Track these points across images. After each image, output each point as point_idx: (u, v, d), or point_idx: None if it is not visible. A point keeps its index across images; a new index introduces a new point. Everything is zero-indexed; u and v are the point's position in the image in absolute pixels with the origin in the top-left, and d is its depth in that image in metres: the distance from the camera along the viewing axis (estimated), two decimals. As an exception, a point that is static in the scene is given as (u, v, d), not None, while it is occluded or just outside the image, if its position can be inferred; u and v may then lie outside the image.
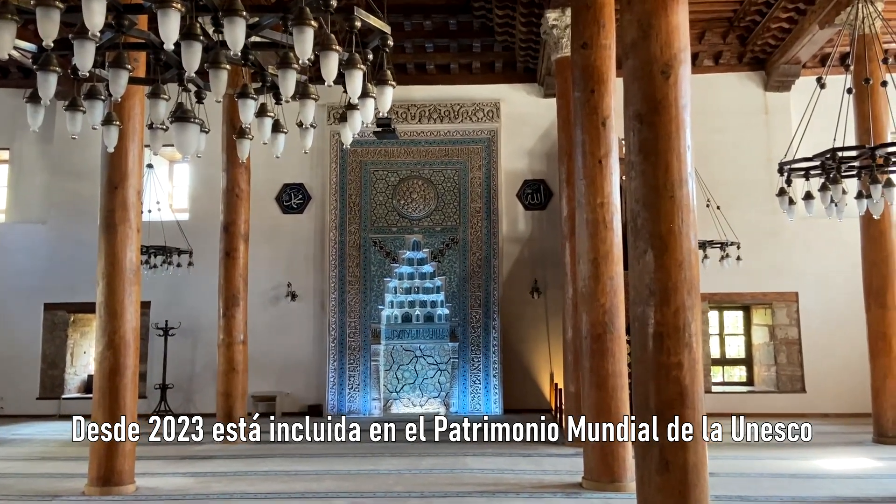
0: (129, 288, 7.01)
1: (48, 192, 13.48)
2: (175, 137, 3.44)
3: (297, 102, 3.67)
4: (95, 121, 3.65)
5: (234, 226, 10.14)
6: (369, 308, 13.06)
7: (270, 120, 3.81)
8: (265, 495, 6.51)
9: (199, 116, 3.60)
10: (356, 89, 3.28)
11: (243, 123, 3.71)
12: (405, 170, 13.36)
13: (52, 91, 3.16)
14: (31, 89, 3.56)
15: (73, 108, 3.72)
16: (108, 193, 7.03)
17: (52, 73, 3.13)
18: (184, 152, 3.54)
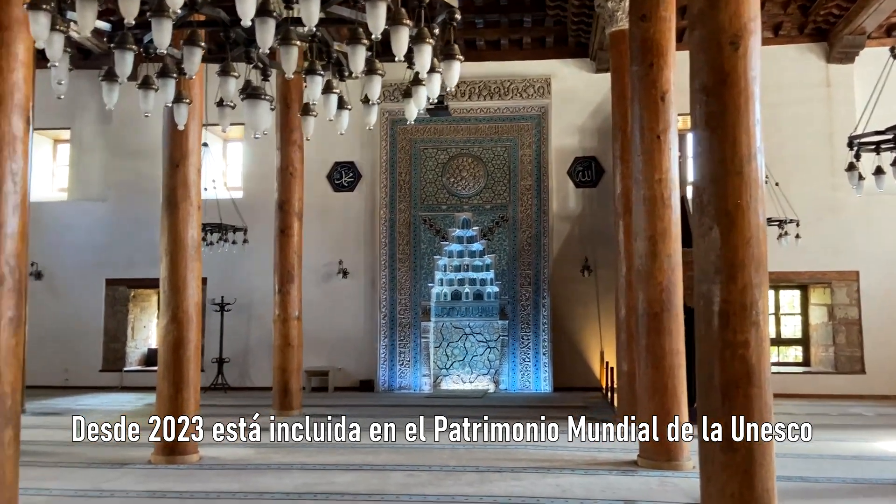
0: (191, 264, 7.20)
1: (107, 170, 13.88)
2: (246, 114, 3.50)
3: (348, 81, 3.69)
4: (168, 99, 3.74)
5: (288, 204, 10.29)
6: (419, 285, 13.15)
7: (336, 97, 3.84)
8: (324, 466, 6.67)
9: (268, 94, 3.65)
10: (425, 64, 3.28)
11: (310, 100, 3.75)
12: (455, 147, 13.33)
13: (129, 69, 3.24)
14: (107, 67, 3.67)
15: (146, 87, 3.82)
16: (170, 172, 7.20)
17: (129, 52, 3.21)
18: (255, 129, 3.60)
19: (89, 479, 6.20)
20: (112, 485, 5.98)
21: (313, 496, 5.59)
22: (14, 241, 4.68)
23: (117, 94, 3.81)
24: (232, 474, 6.39)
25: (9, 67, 4.58)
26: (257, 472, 6.45)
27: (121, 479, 6.17)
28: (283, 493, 5.68)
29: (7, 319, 4.59)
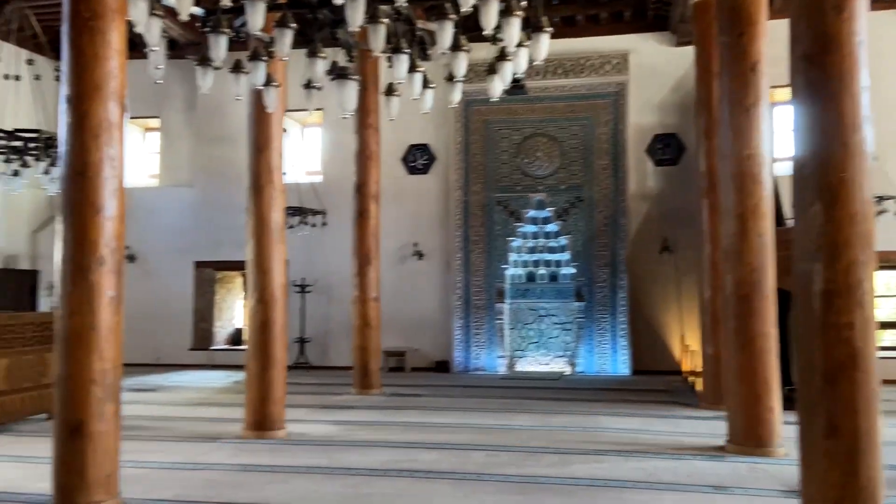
0: (276, 246, 7.39)
1: (194, 157, 14.39)
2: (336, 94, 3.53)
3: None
4: (258, 81, 3.81)
5: (365, 187, 10.41)
6: (493, 267, 13.11)
7: (421, 75, 3.83)
8: (406, 444, 6.75)
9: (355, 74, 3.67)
10: (513, 37, 3.21)
11: (396, 80, 3.75)
12: (529, 127, 13.16)
13: (224, 53, 3.32)
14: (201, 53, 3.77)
15: (237, 71, 3.90)
16: (255, 156, 7.37)
17: (223, 35, 3.28)
18: (344, 109, 3.63)
19: (185, 452, 6.47)
20: (206, 458, 6.23)
21: (398, 473, 5.67)
22: (113, 223, 4.89)
23: (211, 78, 3.91)
24: (318, 450, 6.55)
25: (104, 55, 4.77)
26: (342, 449, 6.59)
27: (214, 453, 6.43)
28: (369, 469, 5.78)
29: (108, 299, 4.81)
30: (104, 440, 4.71)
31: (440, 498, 4.98)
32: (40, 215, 14.26)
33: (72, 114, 4.77)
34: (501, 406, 9.06)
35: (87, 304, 4.71)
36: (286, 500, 4.94)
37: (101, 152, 4.79)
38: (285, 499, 4.96)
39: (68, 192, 4.78)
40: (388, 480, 5.47)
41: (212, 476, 5.63)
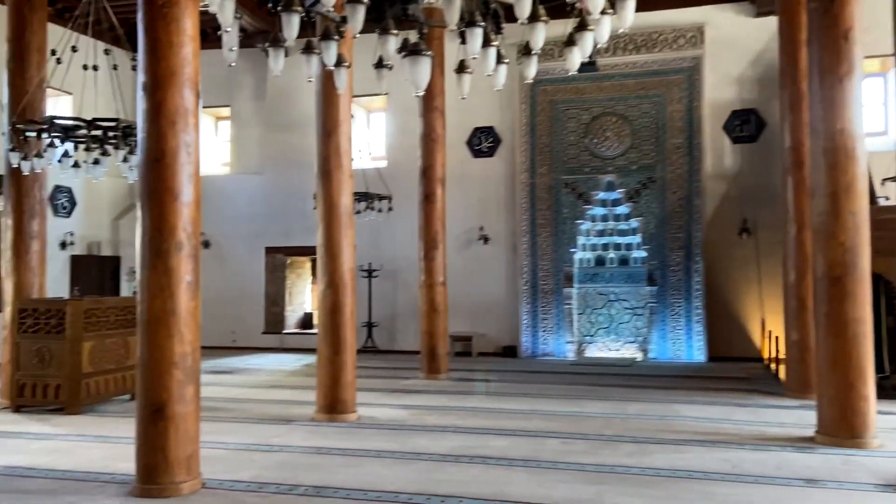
0: (345, 231, 7.39)
1: (263, 144, 14.62)
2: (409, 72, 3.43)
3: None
4: (329, 62, 3.75)
5: (431, 170, 10.34)
6: (561, 251, 12.86)
7: (494, 50, 3.68)
8: (477, 430, 6.68)
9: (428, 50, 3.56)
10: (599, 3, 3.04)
11: (470, 55, 3.62)
12: (598, 107, 12.80)
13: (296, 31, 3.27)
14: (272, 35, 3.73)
15: (309, 52, 3.85)
16: (323, 141, 7.37)
17: (295, 14, 3.23)
18: (417, 87, 3.53)
19: (260, 433, 6.58)
20: (280, 440, 6.31)
21: (469, 459, 5.60)
22: (190, 209, 4.95)
23: (283, 59, 3.87)
24: (389, 434, 6.55)
25: (179, 42, 4.81)
26: (413, 433, 6.57)
27: (288, 435, 6.50)
28: (440, 455, 5.73)
29: (186, 283, 4.88)
30: (185, 422, 4.80)
31: (515, 486, 4.88)
32: (121, 203, 14.79)
33: (148, 101, 4.84)
34: (572, 392, 8.88)
35: (166, 289, 4.79)
36: (359, 483, 4.93)
37: (178, 139, 4.85)
38: (358, 482, 4.95)
39: (146, 179, 4.87)
40: (461, 467, 5.40)
41: (287, 458, 5.69)
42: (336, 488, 4.83)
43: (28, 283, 8.16)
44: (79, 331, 7.67)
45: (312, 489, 4.81)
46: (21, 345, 7.74)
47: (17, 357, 7.74)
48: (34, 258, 8.20)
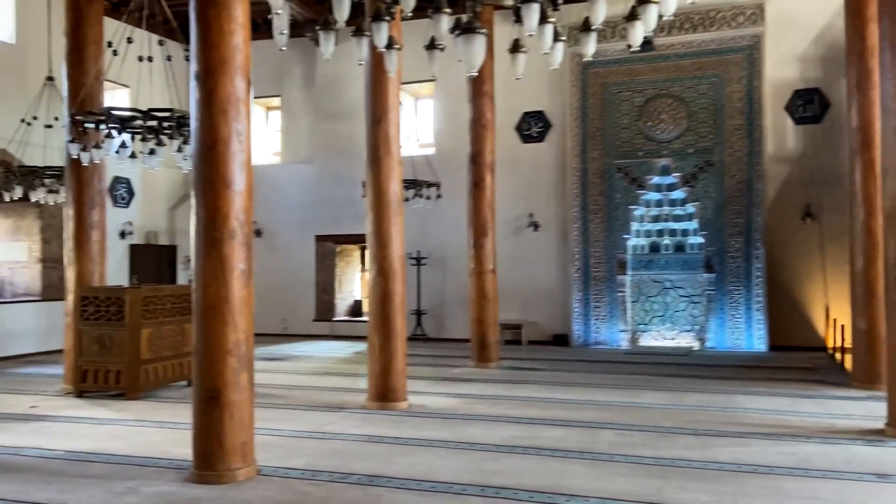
0: (394, 218, 7.34)
1: (313, 134, 14.70)
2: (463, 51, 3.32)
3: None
4: (381, 43, 3.67)
5: (480, 156, 10.20)
6: (614, 237, 12.58)
7: (551, 27, 3.54)
8: (530, 420, 6.57)
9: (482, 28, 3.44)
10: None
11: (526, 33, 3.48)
12: (652, 88, 12.43)
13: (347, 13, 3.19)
14: (323, 17, 3.66)
15: (359, 34, 3.78)
16: (372, 128, 7.33)
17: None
18: (471, 66, 3.42)
19: (312, 421, 6.61)
20: (333, 428, 6.32)
21: (523, 450, 5.50)
22: (242, 197, 4.96)
23: (333, 43, 3.81)
24: (441, 423, 6.50)
25: (230, 30, 4.80)
26: (465, 422, 6.50)
27: (340, 423, 6.51)
28: (494, 445, 5.64)
29: (239, 271, 4.90)
30: (239, 409, 4.83)
31: (571, 478, 4.76)
32: (176, 193, 15.09)
33: (200, 90, 4.85)
34: (627, 382, 8.68)
35: (219, 277, 4.81)
36: (412, 473, 4.89)
37: (229, 127, 4.85)
38: (411, 472, 4.91)
39: (199, 168, 4.89)
40: (514, 458, 5.30)
41: (340, 446, 5.69)
42: (389, 477, 4.80)
43: (89, 271, 8.37)
44: (137, 318, 7.84)
45: (366, 478, 4.79)
46: (83, 332, 7.95)
47: (80, 344, 7.96)
48: (94, 248, 8.41)
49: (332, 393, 8.12)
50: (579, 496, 4.39)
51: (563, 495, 4.40)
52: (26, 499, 4.40)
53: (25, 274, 12.18)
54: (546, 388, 8.35)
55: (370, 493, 4.47)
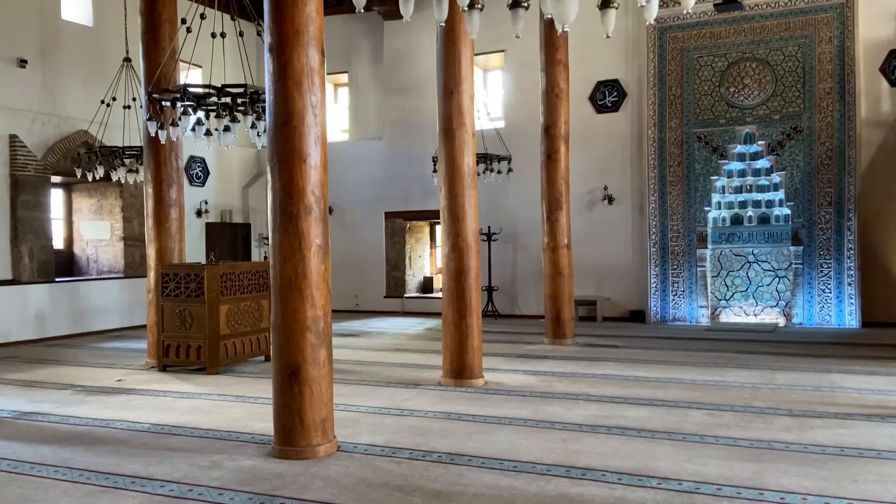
0: (468, 192, 7.17)
1: (381, 109, 14.64)
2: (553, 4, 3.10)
3: None
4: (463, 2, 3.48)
5: (554, 127, 9.88)
6: (693, 210, 12.07)
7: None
8: (611, 399, 6.34)
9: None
10: None
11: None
12: (735, 52, 11.78)
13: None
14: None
15: (440, -8, 3.59)
16: (445, 100, 7.15)
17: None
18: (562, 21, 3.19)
19: (389, 397, 6.57)
20: (410, 404, 6.26)
21: (607, 429, 5.29)
22: (318, 172, 4.88)
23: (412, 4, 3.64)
24: (518, 401, 6.35)
25: (302, 0, 4.69)
26: (543, 400, 6.33)
27: (416, 400, 6.45)
28: (575, 424, 5.46)
29: (316, 247, 4.84)
30: (319, 385, 4.79)
31: (660, 460, 4.53)
32: (249, 171, 15.35)
33: (274, 62, 4.77)
34: (710, 360, 8.31)
35: (297, 252, 4.76)
36: (493, 451, 4.76)
37: (304, 100, 4.76)
38: (492, 450, 4.78)
39: (275, 142, 4.82)
40: (598, 438, 5.10)
41: (418, 423, 5.62)
42: (470, 456, 4.68)
43: (169, 248, 8.55)
44: (216, 294, 7.97)
45: (446, 456, 4.69)
46: (164, 308, 8.15)
47: (162, 319, 8.16)
48: (173, 225, 8.58)
49: (407, 369, 8.08)
50: (671, 479, 4.17)
51: (653, 478, 4.18)
52: (116, 471, 4.50)
53: (109, 252, 12.63)
54: (625, 365, 8.08)
55: (451, 472, 4.37)
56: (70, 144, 11.24)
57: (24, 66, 10.66)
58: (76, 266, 12.77)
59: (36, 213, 10.82)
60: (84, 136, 11.23)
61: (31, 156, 10.75)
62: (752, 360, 8.26)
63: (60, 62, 11.32)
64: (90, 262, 12.73)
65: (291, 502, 3.92)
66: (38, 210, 10.85)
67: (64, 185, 12.51)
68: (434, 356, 8.77)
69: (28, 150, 10.71)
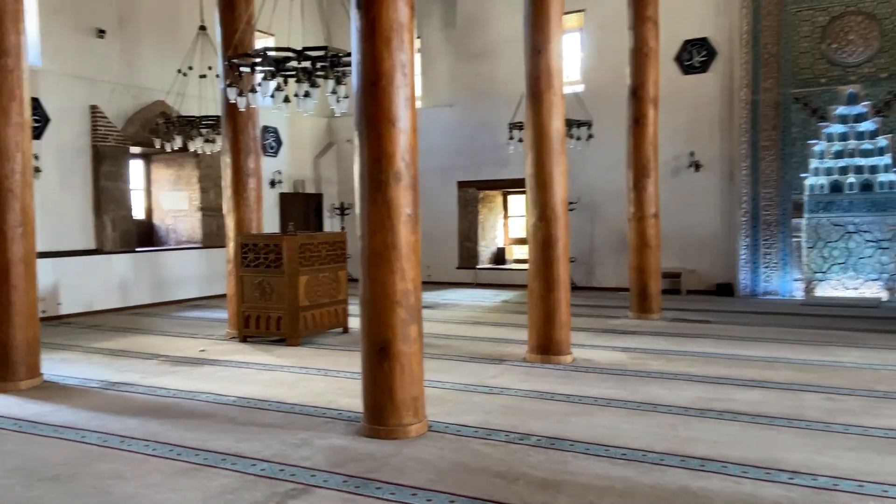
0: (556, 158, 6.77)
1: (453, 76, 14.22)
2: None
3: None
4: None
5: (642, 89, 9.30)
6: (788, 177, 11.28)
7: None
8: (714, 379, 5.90)
9: None
10: None
11: None
12: (838, 5, 10.84)
13: None
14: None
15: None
16: (532, 59, 6.72)
17: None
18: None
19: (475, 373, 6.31)
20: (497, 381, 5.98)
21: (717, 414, 4.88)
22: (407, 136, 4.59)
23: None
24: (613, 380, 5.98)
25: (391, -49, 4.35)
26: (639, 380, 5.94)
27: (503, 377, 6.17)
28: (681, 407, 5.06)
29: (406, 216, 4.56)
30: (409, 362, 4.55)
31: (785, 451, 4.10)
32: (321, 141, 15.24)
33: (362, 19, 4.46)
34: (816, 338, 7.72)
35: (386, 222, 4.49)
36: (596, 436, 4.42)
37: (393, 58, 4.45)
38: (594, 435, 4.45)
39: (362, 105, 4.53)
40: (709, 423, 4.70)
41: (509, 402, 5.33)
42: (571, 440, 4.36)
43: (247, 218, 8.46)
44: (295, 265, 7.84)
45: (546, 440, 4.38)
46: (244, 278, 8.08)
47: (241, 290, 8.11)
48: (251, 195, 8.47)
49: (489, 344, 7.80)
50: (802, 472, 3.75)
51: (783, 472, 3.77)
52: (205, 447, 4.38)
53: (187, 222, 12.76)
54: (723, 342, 7.59)
55: (554, 459, 4.06)
56: (148, 115, 11.30)
57: (102, 36, 10.71)
58: (156, 236, 12.96)
59: (117, 183, 10.95)
60: (161, 107, 11.27)
61: (111, 126, 10.85)
62: (862, 338, 7.64)
63: (137, 32, 11.34)
64: (169, 232, 12.90)
65: (388, 487, 3.69)
66: (118, 180, 10.98)
67: (143, 155, 12.66)
68: (514, 330, 8.47)
69: (108, 120, 10.82)
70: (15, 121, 5.93)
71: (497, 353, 7.23)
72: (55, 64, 10.19)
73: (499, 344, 7.74)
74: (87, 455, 4.29)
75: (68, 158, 10.40)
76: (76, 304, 10.29)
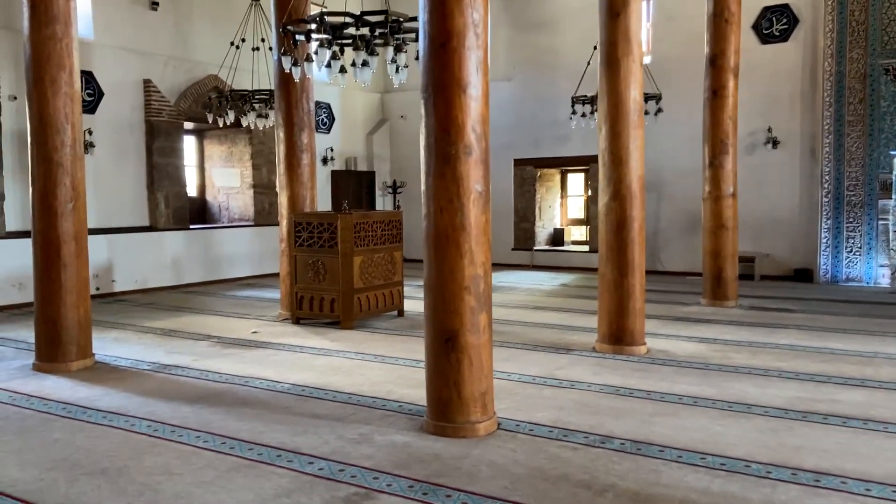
0: (634, 132, 6.21)
1: (511, 48, 13.62)
2: None
3: None
4: None
5: (721, 57, 8.60)
6: (876, 154, 10.43)
7: None
8: (811, 376, 5.34)
9: None
10: None
11: None
12: (940, -36, 9.87)
13: None
14: None
15: None
16: (608, 24, 6.16)
17: None
18: None
19: (541, 363, 5.88)
20: (566, 373, 5.54)
21: (822, 418, 4.34)
22: (479, 104, 4.14)
23: None
24: (695, 375, 5.47)
25: None
26: (724, 376, 5.42)
27: (572, 368, 5.71)
28: (778, 409, 4.53)
29: (476, 194, 4.12)
30: (478, 354, 4.14)
31: (913, 466, 3.56)
32: (373, 118, 14.88)
33: (431, -28, 4.00)
34: (914, 331, 7.03)
35: (455, 200, 4.06)
36: (687, 441, 3.95)
37: (465, 16, 3.99)
38: (685, 440, 3.97)
39: (430, 69, 4.09)
40: (815, 429, 4.17)
41: (583, 398, 4.88)
42: (660, 446, 3.90)
43: (300, 196, 8.14)
44: (350, 245, 7.51)
45: (630, 444, 3.93)
46: (297, 258, 7.79)
47: (295, 270, 7.82)
48: (305, 172, 8.15)
49: (553, 331, 7.35)
50: (940, 496, 3.22)
51: (917, 494, 3.24)
52: (260, 440, 4.07)
53: (239, 199, 12.59)
54: (811, 334, 6.97)
55: (643, 467, 3.61)
56: (201, 89, 11.09)
57: (155, 9, 10.51)
58: (209, 213, 12.84)
59: (171, 159, 10.80)
60: (214, 81, 11.04)
61: (164, 101, 10.68)
62: (970, 333, 6.91)
63: (190, 4, 11.11)
64: (222, 209, 12.76)
65: (459, 495, 3.30)
66: (172, 156, 10.82)
67: (196, 131, 12.50)
68: (578, 316, 8.00)
69: (161, 95, 10.64)
70: (64, 91, 5.68)
71: (563, 341, 6.77)
72: (108, 37, 10.03)
73: (564, 331, 7.28)
74: (135, 446, 4.03)
75: (122, 133, 10.27)
76: (129, 281, 10.21)
